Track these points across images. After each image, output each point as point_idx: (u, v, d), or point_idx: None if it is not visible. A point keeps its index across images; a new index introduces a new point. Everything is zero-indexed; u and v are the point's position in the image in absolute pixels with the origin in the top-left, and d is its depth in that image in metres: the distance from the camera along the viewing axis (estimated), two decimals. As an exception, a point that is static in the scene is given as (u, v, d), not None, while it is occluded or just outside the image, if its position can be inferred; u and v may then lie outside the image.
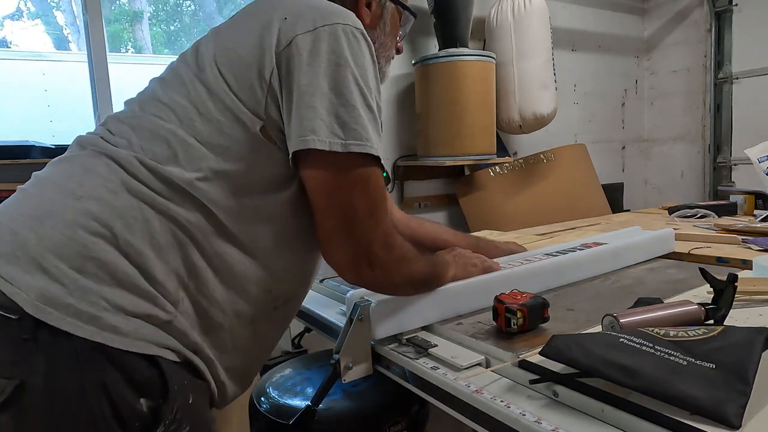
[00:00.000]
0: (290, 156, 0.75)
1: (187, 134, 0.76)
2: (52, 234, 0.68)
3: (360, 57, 0.77)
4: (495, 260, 1.10)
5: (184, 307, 0.74)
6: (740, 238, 1.43)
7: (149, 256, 0.70)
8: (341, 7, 0.82)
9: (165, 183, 0.73)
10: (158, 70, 0.89)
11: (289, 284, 0.87)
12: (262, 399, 1.22)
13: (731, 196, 2.10)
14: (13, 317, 0.64)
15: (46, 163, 0.82)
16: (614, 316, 0.73)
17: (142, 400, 0.67)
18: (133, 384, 0.67)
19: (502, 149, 3.05)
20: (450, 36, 2.56)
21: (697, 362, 0.59)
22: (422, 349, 0.84)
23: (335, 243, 0.78)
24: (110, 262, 0.68)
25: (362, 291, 0.97)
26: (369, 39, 0.80)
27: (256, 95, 0.76)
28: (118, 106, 2.27)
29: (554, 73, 2.80)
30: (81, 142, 0.80)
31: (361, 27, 0.80)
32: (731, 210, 2.01)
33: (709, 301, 0.79)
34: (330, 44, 0.75)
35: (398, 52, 1.07)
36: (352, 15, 0.80)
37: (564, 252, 1.21)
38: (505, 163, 2.78)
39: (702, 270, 0.86)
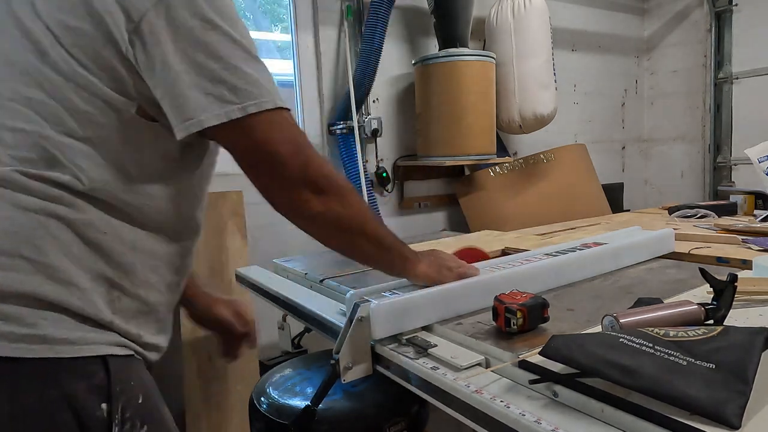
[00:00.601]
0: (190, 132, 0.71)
1: (59, 134, 0.69)
2: None
3: (220, 6, 0.70)
4: (475, 265, 1.08)
5: (123, 305, 0.74)
6: (740, 238, 1.43)
7: (69, 269, 0.68)
8: None
9: (60, 188, 0.68)
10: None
11: (196, 240, 0.91)
12: (262, 399, 1.22)
13: (731, 196, 2.10)
14: None
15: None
16: (614, 316, 0.73)
17: (103, 405, 0.68)
18: (94, 389, 0.68)
19: (502, 149, 3.05)
20: (450, 36, 2.56)
21: (697, 362, 0.59)
22: (422, 349, 0.84)
23: (275, 188, 0.79)
24: (31, 291, 0.66)
25: (362, 291, 0.97)
26: None
27: (122, 76, 0.69)
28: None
29: (554, 73, 2.80)
30: None
31: None
32: (731, 210, 2.01)
33: (709, 301, 0.79)
34: (187, 7, 0.68)
35: None
36: None
37: (564, 252, 1.21)
38: (505, 163, 2.78)
39: (702, 270, 0.86)
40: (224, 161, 2.48)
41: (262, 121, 0.73)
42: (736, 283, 0.80)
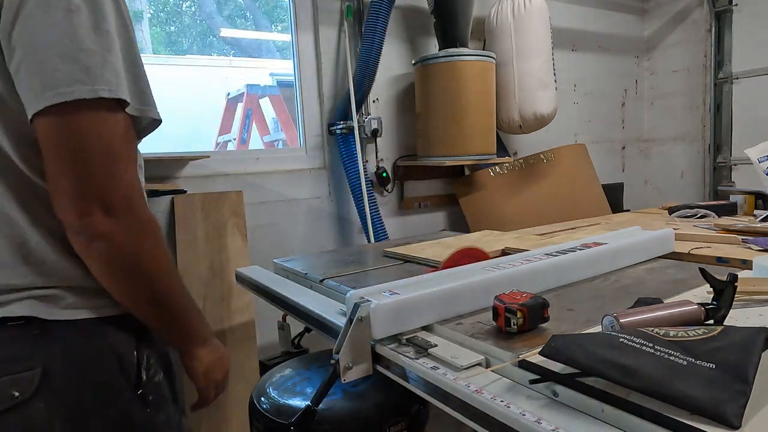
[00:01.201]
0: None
1: None
2: None
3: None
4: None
5: None
6: (740, 238, 1.43)
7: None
8: None
9: None
10: (158, 70, 0.89)
11: None
12: (262, 399, 1.22)
13: (731, 196, 2.10)
14: (21, 322, 0.74)
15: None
16: (614, 316, 0.73)
17: (134, 353, 0.82)
18: (129, 339, 0.82)
19: (502, 149, 3.05)
20: (450, 36, 2.56)
21: (697, 362, 0.59)
22: (422, 349, 0.84)
23: (60, 187, 0.69)
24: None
25: (362, 291, 0.97)
26: None
27: None
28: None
29: (554, 73, 2.80)
30: None
31: None
32: (731, 210, 2.02)
33: (709, 301, 0.79)
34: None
35: None
36: None
37: (564, 252, 1.21)
38: (505, 163, 2.78)
39: (702, 270, 0.86)
40: (224, 161, 2.47)
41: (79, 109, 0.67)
42: (736, 283, 0.80)
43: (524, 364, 0.71)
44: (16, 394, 0.71)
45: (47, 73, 0.65)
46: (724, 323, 0.77)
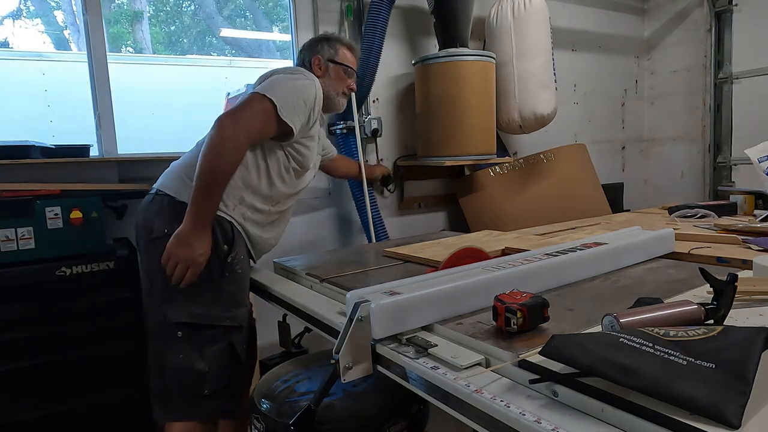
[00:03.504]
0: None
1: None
2: None
3: (299, 79, 1.52)
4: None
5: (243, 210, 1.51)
6: (740, 238, 1.43)
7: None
8: (302, 68, 1.62)
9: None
10: (158, 70, 0.89)
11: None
12: (262, 399, 1.22)
13: (731, 196, 2.10)
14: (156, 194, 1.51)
15: (46, 164, 0.82)
16: (614, 316, 0.73)
17: (225, 246, 1.43)
18: (225, 236, 1.43)
19: (502, 149, 3.05)
20: (450, 36, 2.56)
21: (697, 362, 0.59)
22: (422, 349, 0.84)
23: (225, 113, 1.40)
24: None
25: (362, 291, 0.97)
26: (311, 80, 1.53)
27: None
28: (118, 106, 2.25)
29: (554, 73, 2.80)
30: None
31: (307, 76, 1.54)
32: (731, 210, 2.02)
33: (709, 301, 0.79)
34: (284, 73, 1.54)
35: (351, 90, 1.74)
36: (305, 71, 1.59)
37: (564, 252, 1.21)
38: (505, 163, 2.78)
39: (702, 270, 0.86)
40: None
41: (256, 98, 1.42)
42: (736, 283, 0.80)
43: (524, 364, 0.71)
44: (166, 230, 1.37)
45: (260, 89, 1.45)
46: (724, 323, 0.77)
